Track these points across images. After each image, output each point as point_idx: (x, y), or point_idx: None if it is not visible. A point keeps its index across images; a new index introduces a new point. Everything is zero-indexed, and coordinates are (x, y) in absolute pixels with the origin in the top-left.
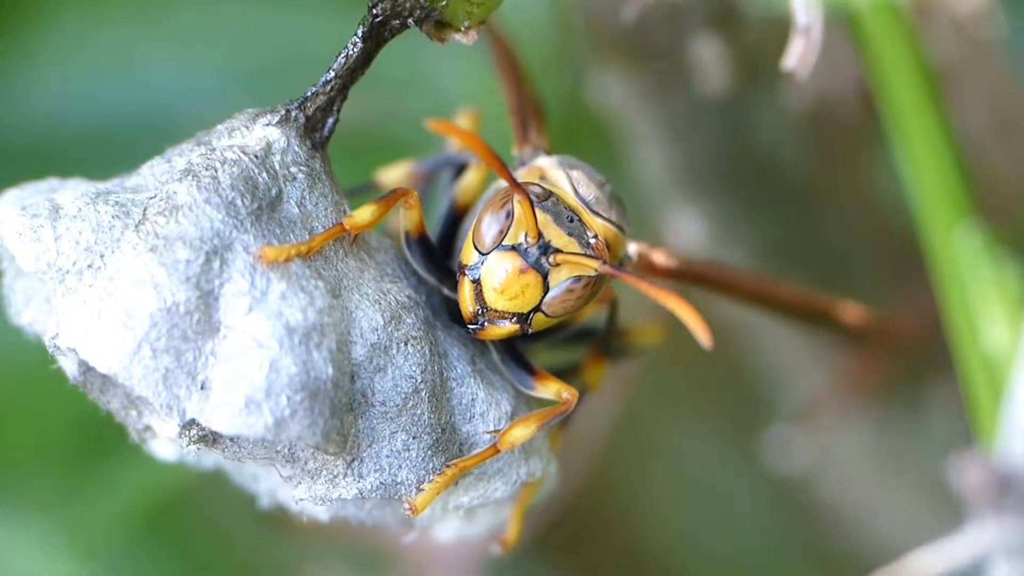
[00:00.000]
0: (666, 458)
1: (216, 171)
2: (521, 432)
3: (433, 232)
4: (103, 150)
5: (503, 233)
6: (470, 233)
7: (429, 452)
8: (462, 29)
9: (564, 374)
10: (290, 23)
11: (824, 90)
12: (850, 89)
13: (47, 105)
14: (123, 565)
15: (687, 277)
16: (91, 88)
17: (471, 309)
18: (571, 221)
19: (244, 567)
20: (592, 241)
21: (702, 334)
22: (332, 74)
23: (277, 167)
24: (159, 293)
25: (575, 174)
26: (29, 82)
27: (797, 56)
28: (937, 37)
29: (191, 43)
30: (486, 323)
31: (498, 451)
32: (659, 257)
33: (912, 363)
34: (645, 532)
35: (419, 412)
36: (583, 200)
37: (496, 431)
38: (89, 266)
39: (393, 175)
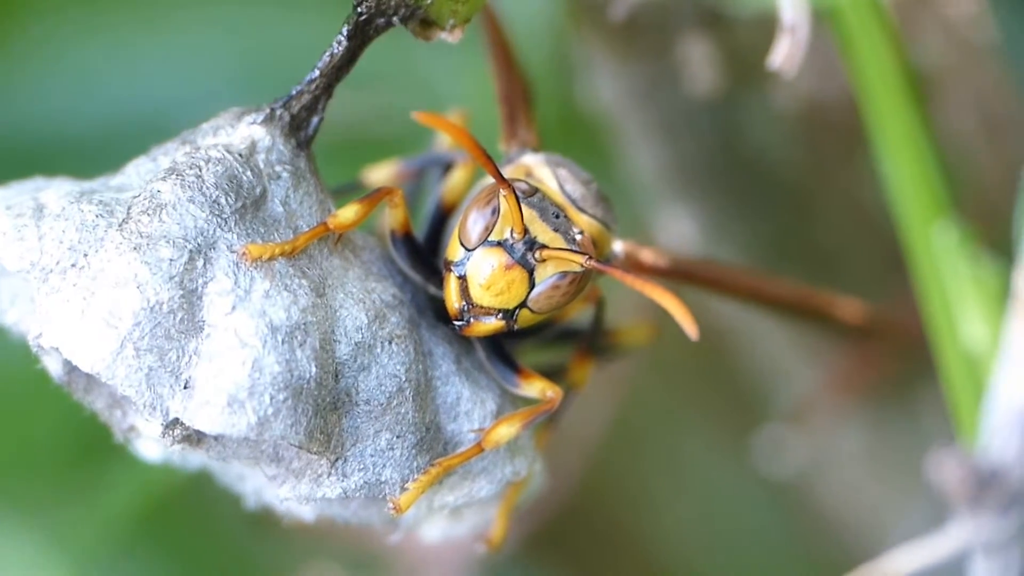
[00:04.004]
0: (662, 459)
1: (200, 169)
2: (506, 431)
3: (420, 231)
4: (99, 152)
5: (489, 229)
6: (456, 229)
7: (413, 451)
8: (447, 28)
9: (552, 374)
10: (288, 26)
11: (816, 91)
12: (842, 90)
13: (43, 107)
14: (115, 568)
15: (677, 275)
16: (87, 90)
17: (457, 305)
18: (557, 217)
19: (238, 568)
20: (578, 237)
21: (688, 325)
22: (317, 72)
23: (262, 166)
24: (142, 292)
25: (561, 171)
26: (25, 84)
27: (783, 55)
28: (928, 39)
29: (189, 45)
30: (472, 320)
31: (482, 450)
32: (647, 255)
33: (905, 363)
34: (641, 533)
35: (403, 411)
36: (569, 197)
37: (481, 430)
38: (73, 265)
39: (380, 174)
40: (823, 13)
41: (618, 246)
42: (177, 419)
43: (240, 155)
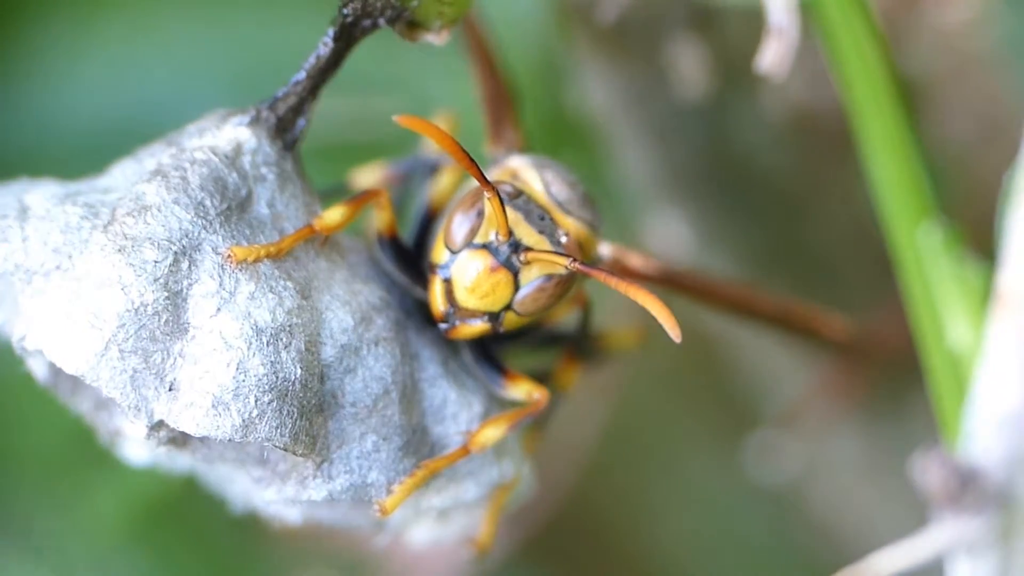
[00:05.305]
0: (657, 464)
1: (185, 171)
2: (492, 433)
3: (408, 234)
4: (85, 153)
5: (474, 231)
6: (441, 232)
7: (399, 453)
8: (434, 29)
9: (540, 377)
10: (276, 28)
11: (807, 96)
12: (833, 96)
13: (30, 109)
14: (107, 574)
15: (663, 281)
16: (74, 91)
17: (442, 308)
18: (542, 219)
19: (228, 574)
20: (563, 239)
21: (672, 328)
22: (303, 74)
23: (247, 167)
24: (127, 294)
25: (547, 174)
26: (12, 85)
27: (772, 57)
28: (924, 45)
29: (176, 47)
30: (457, 322)
31: (468, 452)
32: (634, 259)
33: (896, 369)
34: (634, 537)
35: (389, 413)
36: (555, 199)
37: (467, 432)
38: (57, 267)
39: (367, 177)
40: (810, 15)
41: (604, 249)
42: (162, 421)
43: (226, 157)
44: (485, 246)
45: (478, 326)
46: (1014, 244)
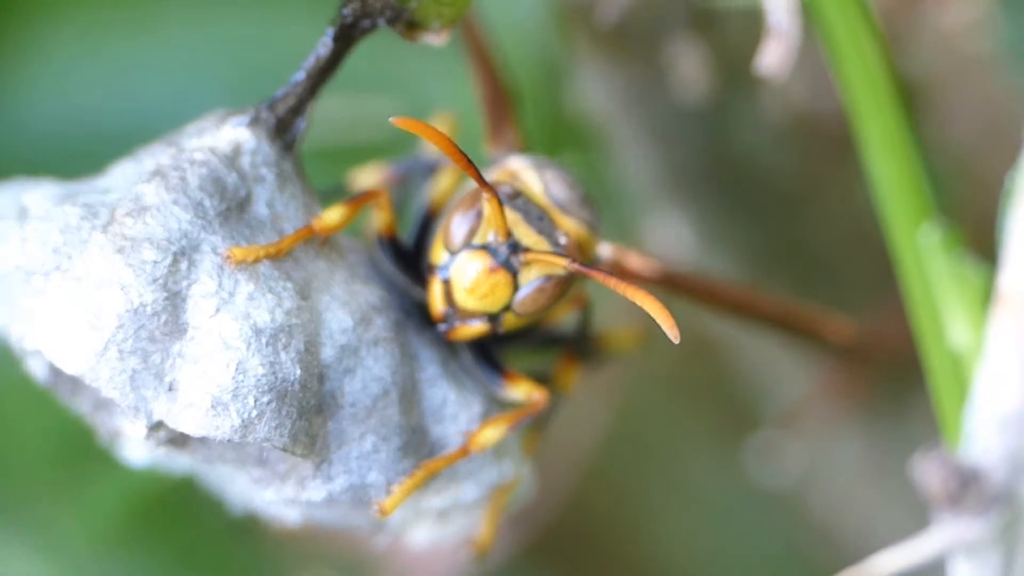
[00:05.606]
0: (658, 465)
1: (184, 172)
2: (491, 433)
3: (407, 235)
4: (85, 154)
5: (472, 232)
6: (439, 233)
7: (399, 454)
8: (433, 30)
9: (540, 379)
10: (276, 29)
11: (808, 96)
12: (835, 97)
13: (29, 109)
14: (104, 573)
15: (663, 282)
16: (74, 92)
17: (441, 309)
18: (541, 220)
19: (227, 573)
20: (562, 240)
21: (670, 328)
22: (302, 74)
23: (247, 168)
24: (126, 294)
25: (547, 174)
26: (11, 86)
27: (772, 59)
28: (927, 47)
29: (176, 48)
30: (456, 323)
31: (467, 453)
32: (633, 260)
33: (896, 370)
34: (635, 539)
35: (389, 414)
36: (554, 200)
37: (467, 432)
38: (56, 268)
39: (366, 178)
40: (810, 15)
41: (604, 250)
42: (161, 421)
43: (225, 157)
44: (484, 247)
45: (477, 327)
46: (1014, 244)
